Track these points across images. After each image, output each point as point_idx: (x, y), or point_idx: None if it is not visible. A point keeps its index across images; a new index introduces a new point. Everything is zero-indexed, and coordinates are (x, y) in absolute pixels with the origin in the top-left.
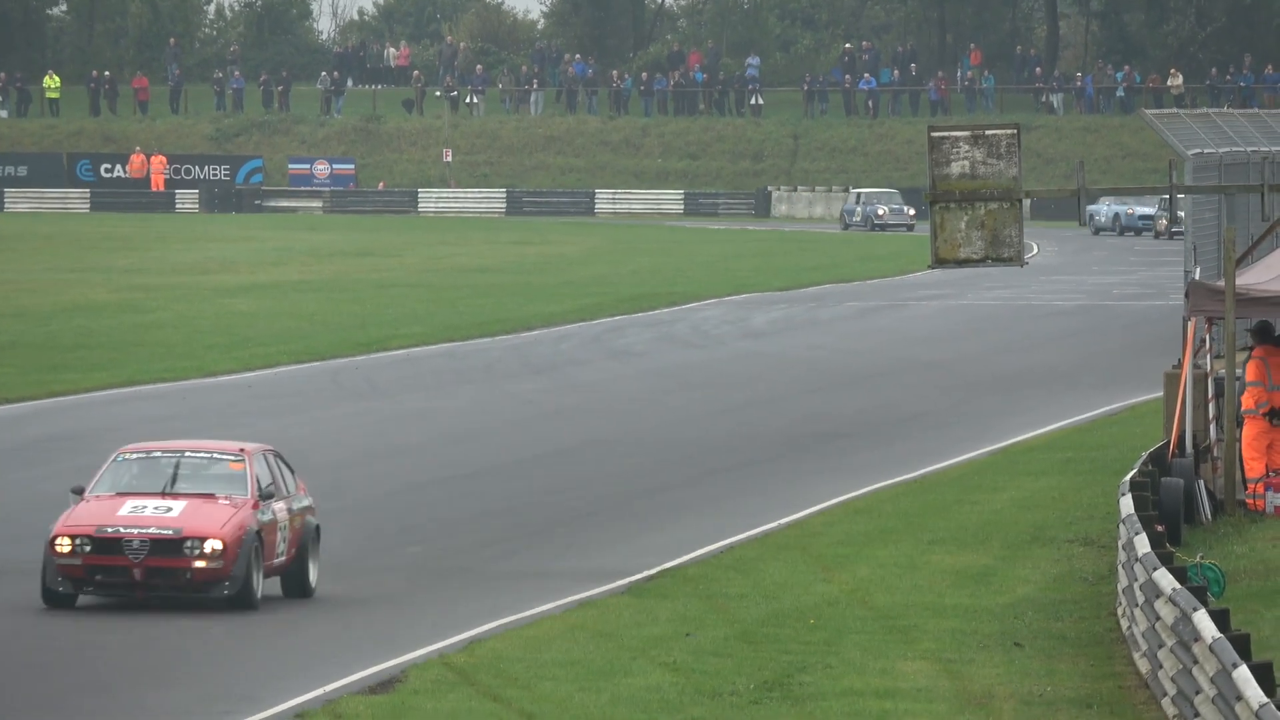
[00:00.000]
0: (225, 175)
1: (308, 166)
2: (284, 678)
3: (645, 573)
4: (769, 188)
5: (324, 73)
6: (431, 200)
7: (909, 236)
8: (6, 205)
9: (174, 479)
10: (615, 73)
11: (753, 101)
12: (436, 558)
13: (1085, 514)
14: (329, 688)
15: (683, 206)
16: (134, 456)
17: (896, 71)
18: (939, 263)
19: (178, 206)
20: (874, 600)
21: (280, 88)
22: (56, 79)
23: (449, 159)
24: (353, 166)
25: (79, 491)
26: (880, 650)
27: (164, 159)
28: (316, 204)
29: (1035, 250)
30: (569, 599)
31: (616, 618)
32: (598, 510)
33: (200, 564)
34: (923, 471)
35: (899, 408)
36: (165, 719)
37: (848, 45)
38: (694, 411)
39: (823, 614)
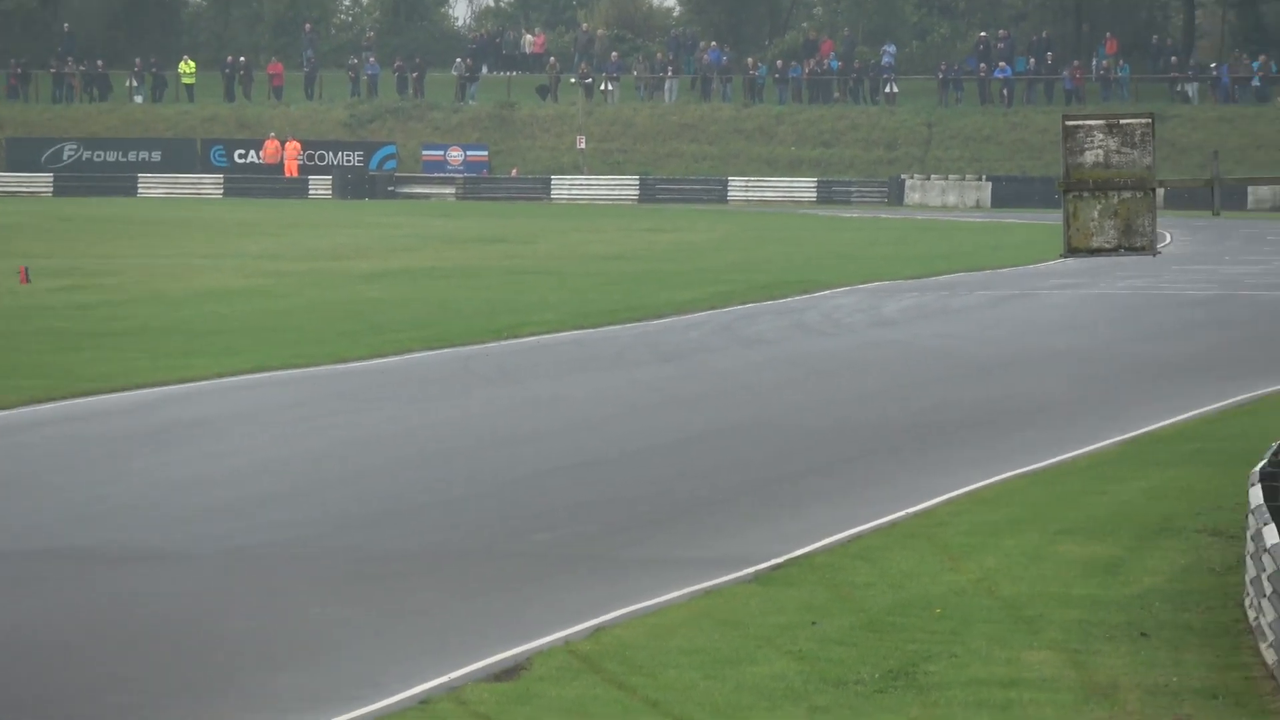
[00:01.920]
0: (359, 161)
1: (441, 153)
2: (409, 663)
3: (771, 561)
4: (902, 176)
5: (459, 59)
6: (564, 187)
7: (1040, 225)
8: (140, 190)
9: None
10: (750, 60)
11: (887, 90)
12: (564, 544)
13: (1214, 504)
14: (454, 675)
15: (816, 194)
16: None
17: (1032, 60)
18: (1071, 252)
19: (311, 193)
20: (1000, 590)
21: (415, 74)
22: (192, 65)
23: (583, 146)
24: (486, 153)
25: None
26: (1006, 640)
27: (298, 145)
28: (449, 190)
29: (1168, 240)
30: (695, 587)
31: (742, 606)
32: (725, 498)
33: None
34: (1051, 461)
35: (1028, 397)
36: (292, 704)
37: (983, 34)
38: (823, 399)
39: (949, 603)
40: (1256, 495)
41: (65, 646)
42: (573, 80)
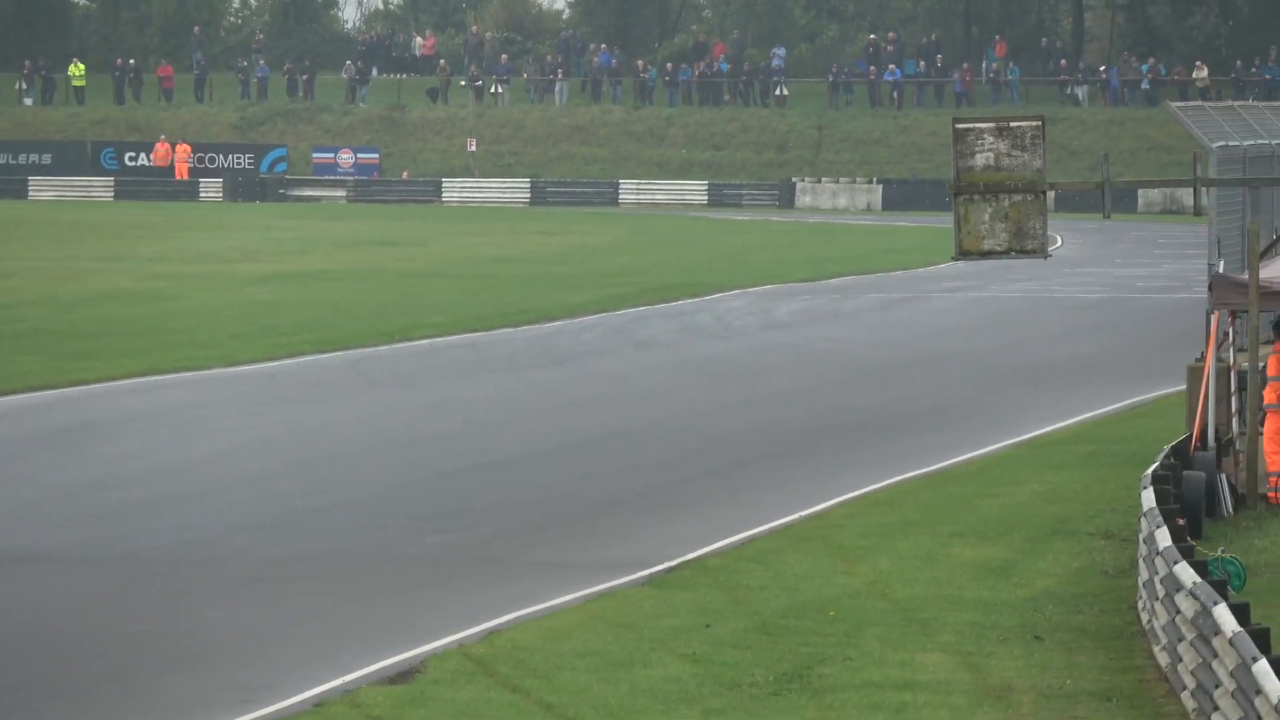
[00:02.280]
0: (249, 164)
1: (332, 155)
2: (304, 667)
3: (665, 564)
4: (793, 179)
5: (349, 61)
6: (455, 190)
7: (931, 228)
8: (31, 193)
9: None
10: (640, 63)
11: (777, 92)
12: (458, 547)
13: (1107, 507)
14: (348, 678)
15: (707, 197)
16: None
17: (922, 63)
18: (963, 254)
19: (201, 195)
20: (894, 592)
21: (305, 76)
22: (82, 67)
23: (473, 148)
24: (377, 156)
25: None
26: (900, 642)
27: (188, 147)
28: (340, 193)
29: (1059, 242)
30: (589, 590)
31: (636, 609)
32: (619, 501)
33: None
34: (944, 464)
35: (921, 400)
36: (186, 708)
37: (873, 36)
38: (716, 403)
39: (843, 606)
40: (1149, 498)
41: None
42: (463, 83)
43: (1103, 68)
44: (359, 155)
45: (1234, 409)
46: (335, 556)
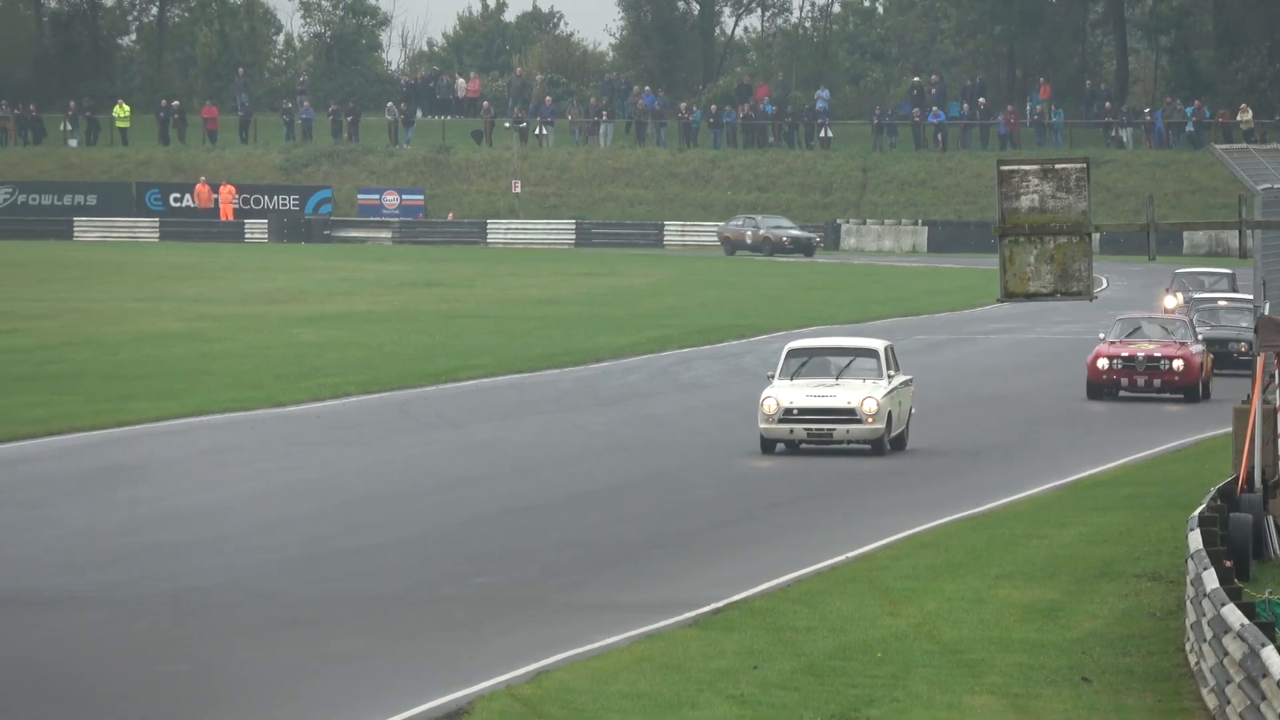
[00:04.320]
0: (294, 205)
1: (377, 197)
2: (351, 708)
3: (712, 605)
4: (838, 220)
5: (391, 103)
6: (500, 231)
7: (976, 270)
8: (76, 234)
9: None
10: (684, 105)
11: (822, 134)
12: (504, 588)
13: (1153, 549)
14: (396, 718)
15: None
16: None
17: (965, 105)
18: (1008, 296)
19: (247, 236)
20: (941, 634)
21: (349, 118)
22: (126, 108)
23: (518, 190)
24: (422, 197)
25: None
26: (947, 684)
27: (233, 189)
28: (385, 234)
29: (1105, 284)
30: (635, 631)
31: (683, 650)
32: (664, 542)
33: None
34: (990, 506)
35: (966, 441)
36: None
37: (916, 79)
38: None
39: (890, 648)
40: (1196, 540)
41: None
42: (507, 124)
43: (1147, 110)
44: (404, 196)
45: None
46: (377, 597)
